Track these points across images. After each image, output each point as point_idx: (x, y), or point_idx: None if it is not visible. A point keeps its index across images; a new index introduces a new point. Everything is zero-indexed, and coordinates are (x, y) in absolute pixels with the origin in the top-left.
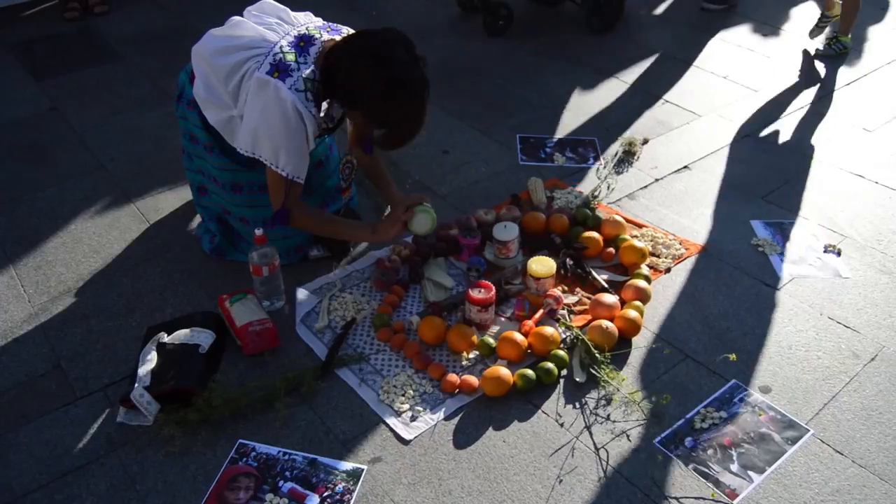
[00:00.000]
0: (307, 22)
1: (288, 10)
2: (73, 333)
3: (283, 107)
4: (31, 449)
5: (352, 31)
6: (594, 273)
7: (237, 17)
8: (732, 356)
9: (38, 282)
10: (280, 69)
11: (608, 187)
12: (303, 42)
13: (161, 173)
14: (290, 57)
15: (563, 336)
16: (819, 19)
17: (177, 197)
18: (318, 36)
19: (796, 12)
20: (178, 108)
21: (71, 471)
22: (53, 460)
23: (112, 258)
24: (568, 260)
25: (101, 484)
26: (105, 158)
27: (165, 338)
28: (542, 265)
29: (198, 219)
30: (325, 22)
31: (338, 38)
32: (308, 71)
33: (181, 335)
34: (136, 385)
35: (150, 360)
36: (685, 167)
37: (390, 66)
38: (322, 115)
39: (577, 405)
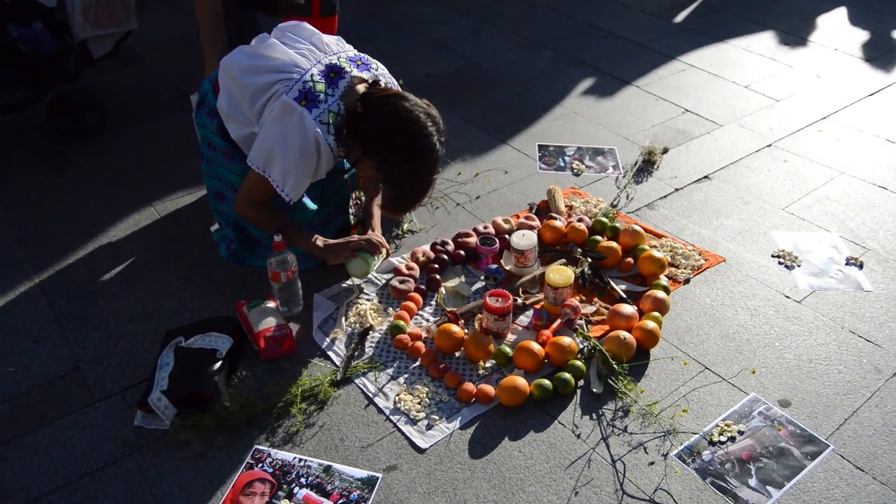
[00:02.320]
0: (339, 51)
1: (321, 34)
2: (92, 336)
3: (304, 136)
4: (48, 450)
5: (382, 67)
6: (612, 283)
7: (268, 36)
8: (752, 369)
9: (58, 284)
10: (308, 98)
11: (627, 197)
12: (333, 73)
13: (181, 178)
14: (320, 87)
15: (581, 346)
16: None
17: (196, 202)
18: (348, 69)
19: (819, 21)
20: (199, 115)
21: (88, 473)
22: (71, 462)
23: (131, 262)
24: (586, 270)
25: (118, 487)
26: (126, 163)
27: (183, 342)
28: (560, 275)
29: (216, 224)
30: (356, 53)
31: (366, 75)
32: (334, 104)
33: (199, 340)
34: (154, 389)
35: (168, 364)
36: (705, 177)
37: (417, 136)
38: (340, 149)
39: (594, 416)
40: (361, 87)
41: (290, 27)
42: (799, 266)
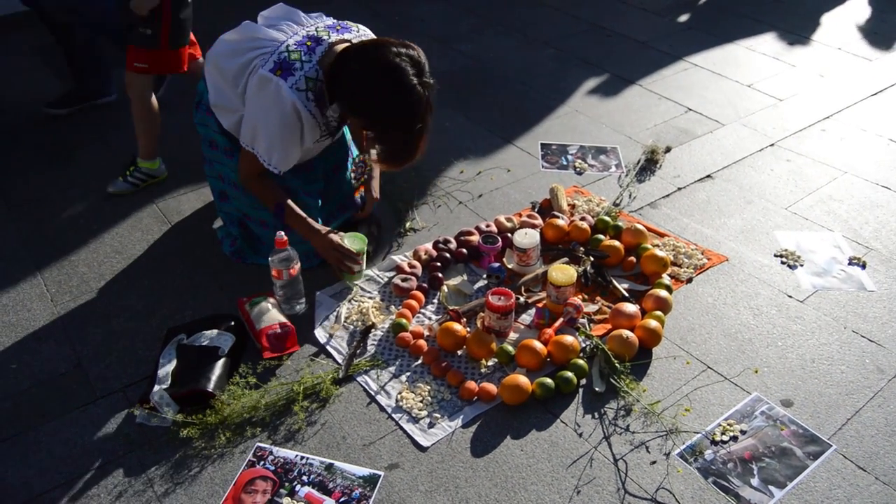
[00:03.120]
0: (317, 23)
1: (299, 11)
2: (94, 333)
3: (281, 105)
4: (50, 448)
5: (363, 29)
6: (615, 282)
7: (249, 22)
8: (754, 369)
9: (60, 281)
10: (283, 67)
11: (630, 195)
12: (310, 42)
13: (183, 175)
14: (296, 56)
15: (583, 345)
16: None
17: (199, 199)
18: (326, 37)
19: (823, 21)
20: (197, 114)
21: (89, 470)
22: (72, 459)
23: (134, 259)
24: (589, 268)
25: (119, 484)
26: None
27: (186, 339)
28: (563, 273)
29: (219, 221)
30: (334, 21)
31: (347, 35)
32: (311, 70)
33: (201, 337)
34: (156, 386)
35: (170, 362)
36: (708, 176)
37: (396, 85)
38: (324, 114)
39: (596, 415)
40: (340, 47)
41: (270, 10)
42: (802, 266)
